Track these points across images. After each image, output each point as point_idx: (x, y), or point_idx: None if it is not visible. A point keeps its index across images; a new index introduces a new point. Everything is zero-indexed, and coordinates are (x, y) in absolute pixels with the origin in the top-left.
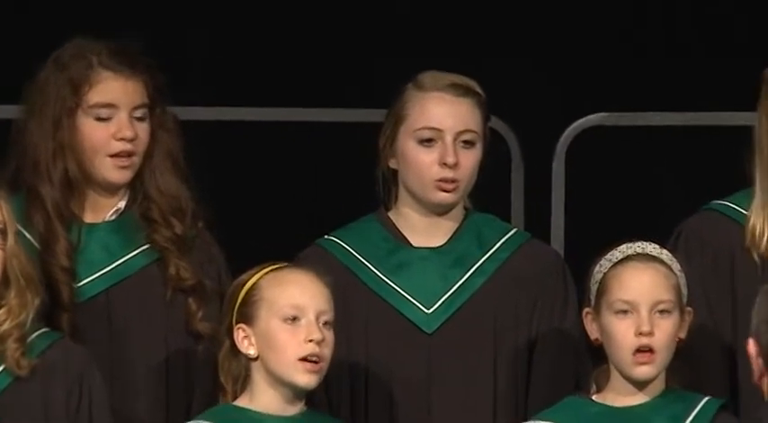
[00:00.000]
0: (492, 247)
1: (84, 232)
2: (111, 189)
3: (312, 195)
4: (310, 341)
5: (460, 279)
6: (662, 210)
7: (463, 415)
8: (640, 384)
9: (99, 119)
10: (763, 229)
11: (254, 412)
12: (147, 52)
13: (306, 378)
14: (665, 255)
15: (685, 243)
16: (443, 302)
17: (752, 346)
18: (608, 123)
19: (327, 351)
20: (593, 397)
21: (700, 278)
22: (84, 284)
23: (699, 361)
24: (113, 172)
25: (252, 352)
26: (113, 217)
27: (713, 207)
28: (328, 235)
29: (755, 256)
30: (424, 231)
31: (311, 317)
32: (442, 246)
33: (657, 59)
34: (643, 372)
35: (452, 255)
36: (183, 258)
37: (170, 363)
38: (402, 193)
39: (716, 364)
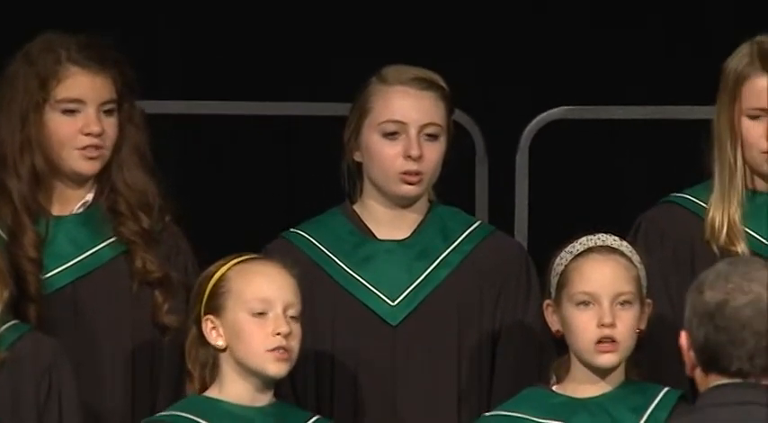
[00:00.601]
0: (456, 240)
1: (52, 225)
2: (79, 181)
3: (278, 188)
4: (278, 334)
5: (425, 271)
6: (624, 202)
7: (428, 406)
8: (601, 374)
9: (66, 113)
10: (722, 221)
11: (225, 403)
12: (117, 47)
13: (276, 367)
14: (625, 247)
15: (645, 235)
16: (408, 295)
17: (684, 339)
18: (571, 117)
19: (295, 343)
20: (554, 388)
21: (660, 270)
22: (51, 276)
23: (659, 352)
24: (82, 163)
25: (220, 343)
26: (81, 210)
27: (672, 200)
28: (294, 228)
29: (715, 249)
30: (389, 224)
31: (278, 310)
32: (406, 238)
33: (619, 54)
34: (606, 360)
35: (417, 247)
36: (149, 251)
37: (136, 354)
38: (367, 186)
39: (675, 356)
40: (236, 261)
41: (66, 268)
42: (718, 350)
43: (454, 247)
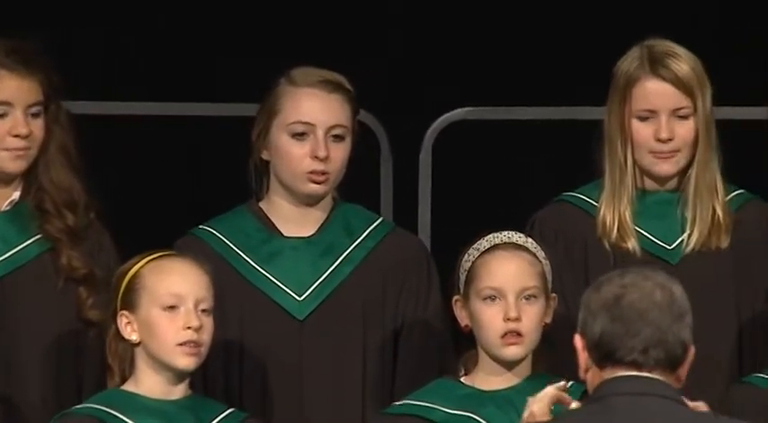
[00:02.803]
0: (359, 236)
1: None
2: (6, 179)
3: (188, 186)
4: (188, 328)
5: (330, 267)
6: (525, 201)
7: (333, 399)
8: (508, 367)
9: None
10: (613, 219)
11: (140, 396)
12: (42, 50)
13: (185, 361)
14: (530, 243)
15: (539, 233)
16: (314, 290)
17: (578, 341)
18: (472, 117)
19: (206, 337)
20: (462, 380)
21: (554, 267)
22: None
23: (558, 347)
24: (9, 163)
25: (134, 338)
26: (8, 208)
27: (564, 198)
28: (202, 225)
29: (606, 246)
30: (295, 221)
31: (190, 305)
32: (311, 235)
33: (520, 55)
34: (512, 352)
35: (322, 244)
36: (74, 248)
37: (61, 349)
38: (274, 185)
39: (569, 351)
40: (149, 258)
41: None
42: (614, 342)
43: (357, 244)
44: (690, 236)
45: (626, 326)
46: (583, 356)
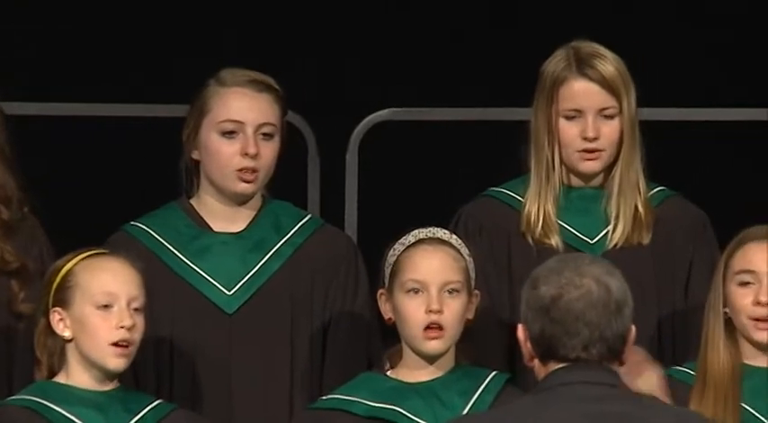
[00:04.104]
0: (288, 233)
1: None
2: None
3: (119, 183)
4: (121, 327)
5: (259, 262)
6: (448, 198)
7: (262, 391)
8: (431, 359)
9: None
10: (538, 214)
11: (71, 387)
12: None
13: (115, 361)
14: (454, 239)
15: (464, 227)
16: (243, 284)
17: (521, 332)
18: (397, 118)
19: (137, 336)
20: (388, 373)
21: (478, 261)
22: None
23: (481, 340)
24: None
25: (67, 334)
26: None
27: (490, 194)
28: (133, 221)
29: (530, 240)
30: (225, 218)
31: (122, 303)
32: (241, 231)
33: (444, 57)
34: (432, 346)
35: (251, 239)
36: (7, 242)
37: None
38: (204, 184)
39: (496, 343)
40: (82, 256)
41: None
42: (554, 342)
43: (286, 240)
44: (612, 231)
45: (565, 327)
46: (526, 347)
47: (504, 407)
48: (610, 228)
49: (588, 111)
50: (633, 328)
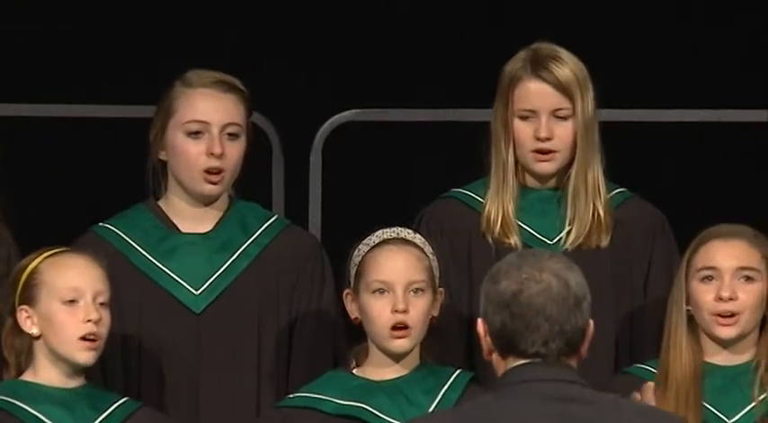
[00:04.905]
0: (255, 233)
1: None
2: None
3: (86, 185)
4: (88, 321)
5: (226, 262)
6: (412, 199)
7: (230, 389)
8: (397, 358)
9: None
10: (497, 215)
11: (39, 385)
12: None
13: (84, 355)
14: (418, 239)
15: (426, 228)
16: (210, 284)
17: (480, 327)
18: (360, 119)
19: (104, 330)
20: (354, 371)
21: (440, 260)
22: None
23: (443, 337)
24: None
25: (35, 331)
26: None
27: (452, 194)
28: (102, 222)
29: (490, 240)
30: (192, 219)
31: (88, 298)
32: (208, 231)
33: (407, 59)
34: (399, 345)
35: (218, 240)
36: None
37: None
38: (172, 184)
39: (456, 340)
40: (47, 254)
41: None
42: (514, 336)
43: (253, 240)
44: (569, 232)
45: (525, 322)
46: (486, 341)
47: (466, 404)
48: (567, 229)
49: (542, 111)
50: (591, 322)
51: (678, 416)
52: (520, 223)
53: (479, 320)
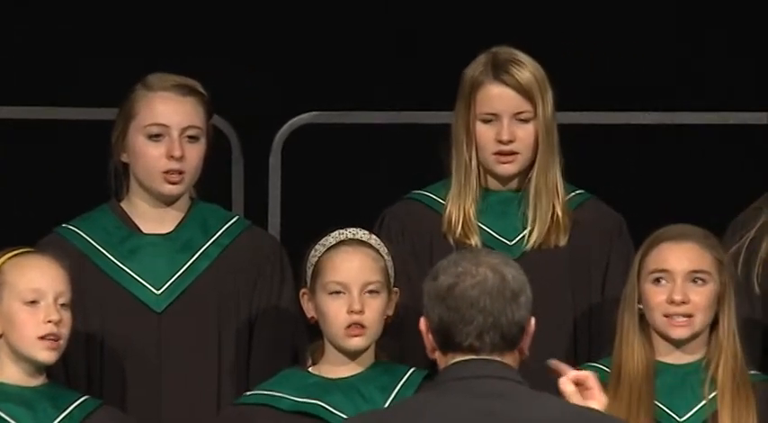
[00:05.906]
0: (215, 234)
1: None
2: None
3: (48, 187)
4: (49, 322)
5: (187, 262)
6: (370, 201)
7: (191, 387)
8: (352, 356)
9: None
10: (458, 216)
11: (1, 383)
12: None
13: (45, 354)
14: (373, 240)
15: (388, 228)
16: (171, 284)
17: (423, 324)
18: (319, 121)
19: (65, 330)
20: (310, 369)
21: (401, 260)
22: None
23: (405, 337)
24: None
25: None
26: None
27: (413, 196)
28: (65, 223)
29: (451, 241)
30: (154, 220)
31: (50, 299)
32: (170, 232)
33: (367, 61)
34: (355, 343)
35: (179, 240)
36: None
37: None
38: (133, 185)
39: (417, 340)
40: (9, 255)
41: None
42: (451, 329)
43: (214, 241)
44: (530, 233)
45: (460, 314)
46: (428, 338)
47: (401, 401)
48: (527, 230)
49: (503, 114)
50: (533, 319)
51: (607, 414)
52: (480, 225)
53: (422, 318)
